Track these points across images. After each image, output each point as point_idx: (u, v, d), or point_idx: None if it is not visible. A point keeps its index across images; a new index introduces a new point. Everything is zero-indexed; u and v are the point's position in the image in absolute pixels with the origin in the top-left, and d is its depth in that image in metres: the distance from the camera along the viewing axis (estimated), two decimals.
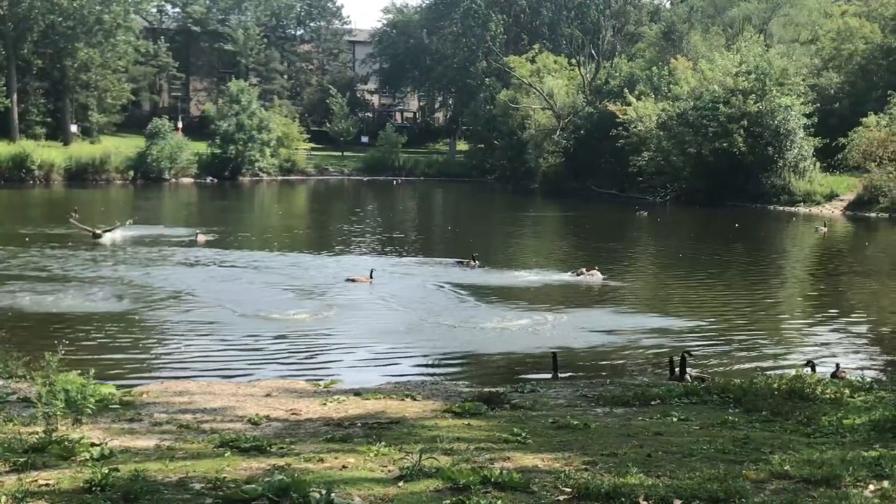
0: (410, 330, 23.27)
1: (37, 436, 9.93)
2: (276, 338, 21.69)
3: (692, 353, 17.93)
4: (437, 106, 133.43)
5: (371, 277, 29.83)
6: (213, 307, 25.37)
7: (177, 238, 41.09)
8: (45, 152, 78.14)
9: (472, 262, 33.50)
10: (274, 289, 28.75)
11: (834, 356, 20.20)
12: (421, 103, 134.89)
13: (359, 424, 11.99)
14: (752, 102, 64.74)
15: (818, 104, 67.54)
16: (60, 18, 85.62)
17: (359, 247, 41.55)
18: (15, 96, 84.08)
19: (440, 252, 38.64)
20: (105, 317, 23.54)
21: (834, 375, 16.92)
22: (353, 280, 29.76)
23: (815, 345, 22.19)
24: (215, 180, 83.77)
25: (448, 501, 7.78)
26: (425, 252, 38.69)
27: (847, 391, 14.35)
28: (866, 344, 23.08)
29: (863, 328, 24.68)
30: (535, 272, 33.06)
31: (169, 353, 20.33)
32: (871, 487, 8.62)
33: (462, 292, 28.56)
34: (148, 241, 39.31)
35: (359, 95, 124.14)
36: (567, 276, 31.76)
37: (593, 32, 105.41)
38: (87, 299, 25.84)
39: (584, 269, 31.65)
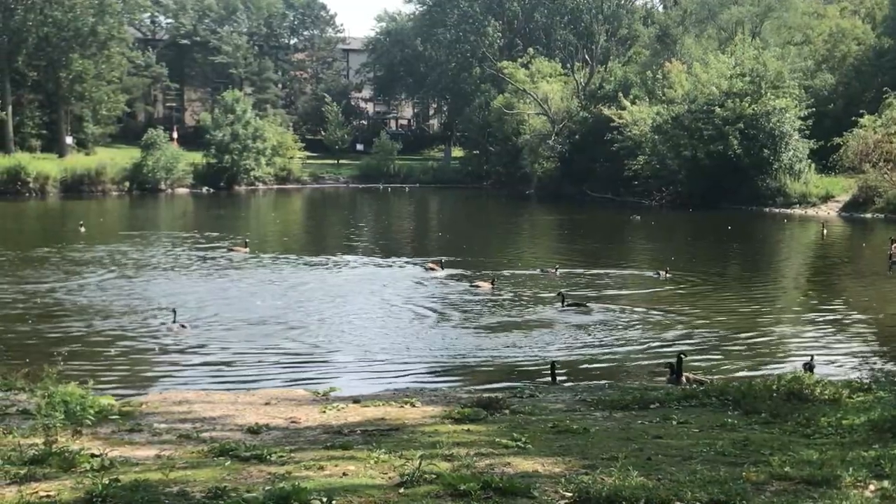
0: (409, 336, 23.28)
1: (37, 447, 9.94)
2: (275, 346, 21.69)
3: (686, 354, 17.97)
4: (431, 112, 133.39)
5: (442, 267, 34.13)
6: (211, 316, 25.36)
7: (171, 247, 41.10)
8: (41, 164, 77.88)
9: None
10: (273, 297, 28.74)
11: (833, 355, 20.25)
12: (415, 110, 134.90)
13: (358, 431, 11.99)
14: (747, 105, 64.77)
15: (813, 106, 67.51)
16: (55, 30, 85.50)
17: (359, 254, 41.43)
18: (10, 108, 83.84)
19: (436, 257, 38.58)
20: (104, 328, 23.53)
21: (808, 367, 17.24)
22: (432, 268, 34.40)
23: (814, 346, 22.15)
24: (211, 190, 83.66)
25: None
26: (423, 257, 38.51)
27: (846, 392, 14.37)
28: (864, 345, 23.08)
29: (861, 329, 24.68)
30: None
31: (167, 364, 20.31)
32: (872, 487, 8.65)
33: (460, 299, 28.59)
34: (146, 251, 39.29)
35: (353, 103, 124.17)
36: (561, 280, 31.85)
37: (587, 37, 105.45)
38: (86, 310, 25.80)
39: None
